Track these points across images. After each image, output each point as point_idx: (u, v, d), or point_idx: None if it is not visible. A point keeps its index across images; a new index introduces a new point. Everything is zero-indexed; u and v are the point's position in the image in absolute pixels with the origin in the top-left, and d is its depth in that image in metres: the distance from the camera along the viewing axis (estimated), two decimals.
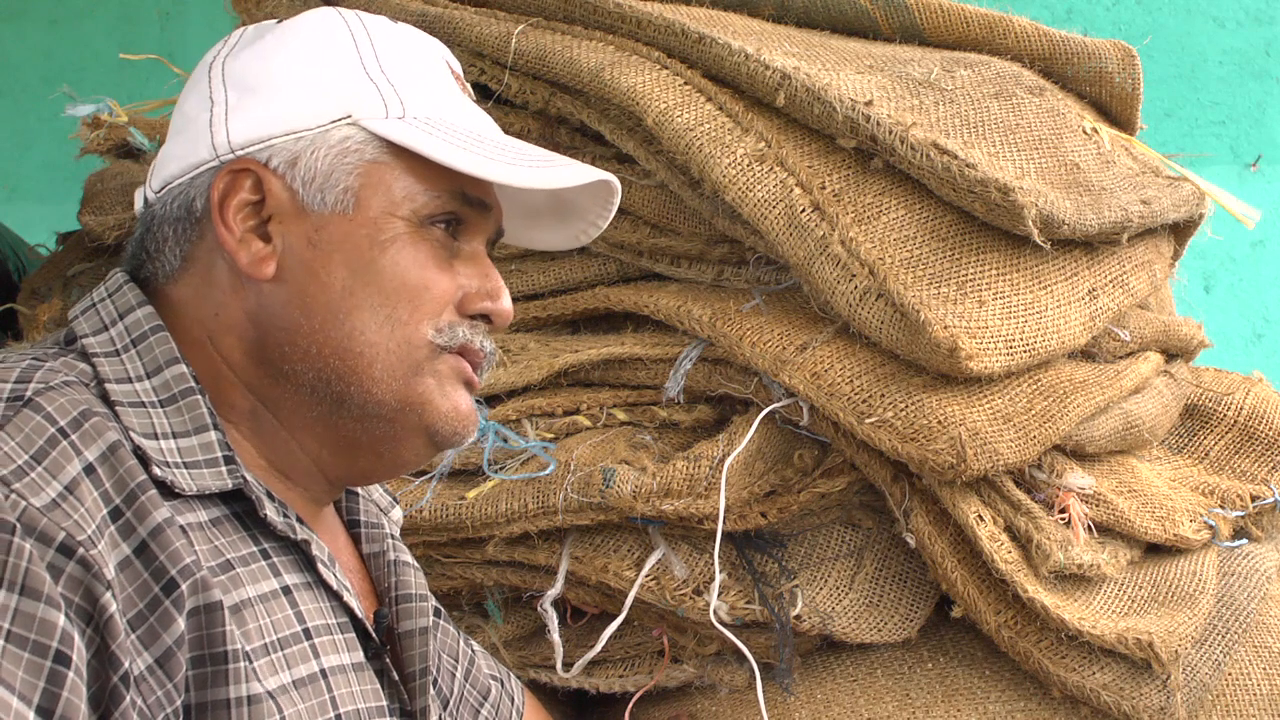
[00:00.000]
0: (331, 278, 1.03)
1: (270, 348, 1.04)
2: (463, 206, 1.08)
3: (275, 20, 1.12)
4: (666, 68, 1.59)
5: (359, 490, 1.23)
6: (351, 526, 1.21)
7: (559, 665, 1.55)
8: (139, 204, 1.12)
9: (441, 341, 1.06)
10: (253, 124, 1.05)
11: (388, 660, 1.10)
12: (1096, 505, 1.56)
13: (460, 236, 1.10)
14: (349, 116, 1.05)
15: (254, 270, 1.03)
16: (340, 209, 1.04)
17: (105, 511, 0.88)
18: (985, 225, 1.51)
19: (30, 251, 2.55)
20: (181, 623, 0.88)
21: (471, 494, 1.55)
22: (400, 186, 1.05)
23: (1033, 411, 1.48)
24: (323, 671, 1.00)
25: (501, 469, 1.57)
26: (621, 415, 1.63)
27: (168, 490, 0.94)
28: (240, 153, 1.04)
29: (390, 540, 1.21)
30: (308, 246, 1.04)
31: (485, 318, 1.10)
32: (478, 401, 1.61)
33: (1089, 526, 1.53)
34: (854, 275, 1.45)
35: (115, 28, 4.15)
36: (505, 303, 1.11)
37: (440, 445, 1.10)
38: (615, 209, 1.20)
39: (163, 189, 1.07)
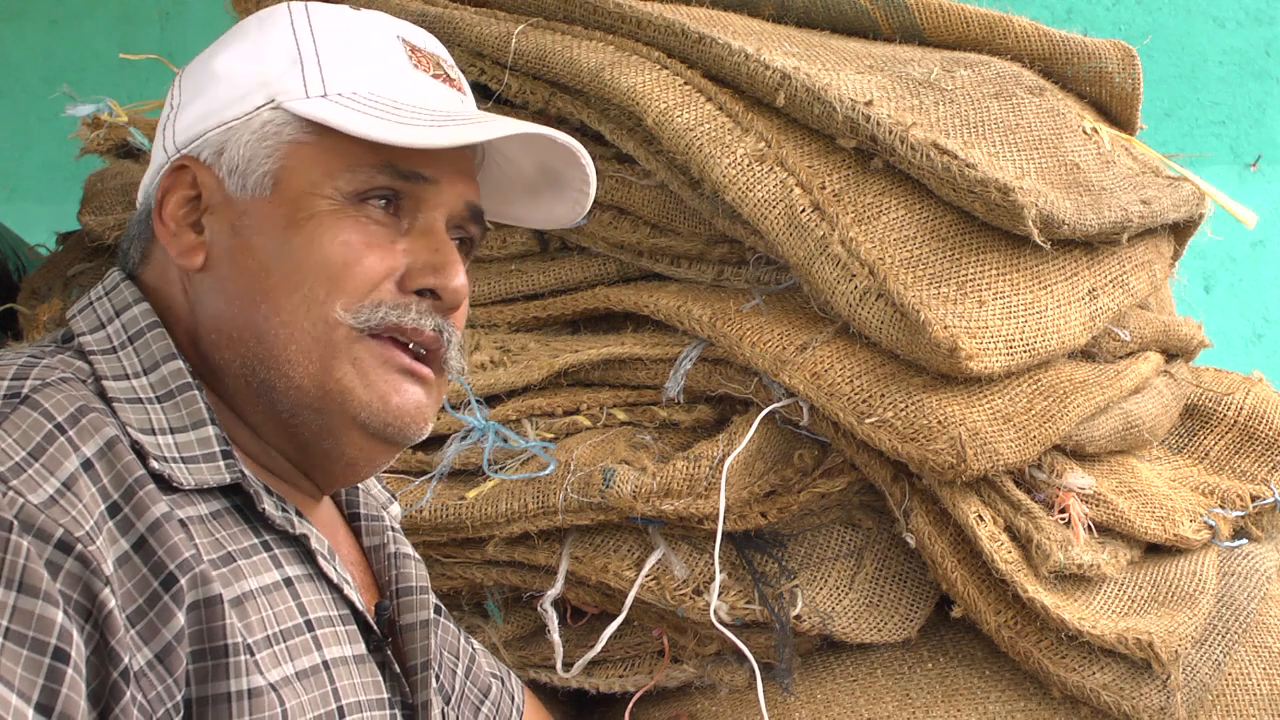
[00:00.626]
0: (250, 261, 1.03)
1: (203, 338, 1.04)
2: (396, 180, 1.05)
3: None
4: (666, 68, 1.59)
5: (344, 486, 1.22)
6: (352, 520, 1.21)
7: (559, 665, 1.55)
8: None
9: (356, 323, 1.02)
10: (192, 121, 1.06)
11: (389, 653, 1.10)
12: (1096, 505, 1.56)
13: (406, 213, 1.06)
14: (271, 101, 1.04)
15: (183, 261, 1.04)
16: (260, 192, 1.03)
17: (103, 507, 0.88)
18: (985, 225, 1.51)
19: (30, 251, 2.55)
20: (181, 617, 0.88)
21: (471, 494, 1.55)
22: (320, 165, 1.03)
23: (1033, 411, 1.48)
24: (325, 663, 1.00)
25: (501, 469, 1.57)
26: (621, 415, 1.63)
27: (166, 485, 0.94)
28: (183, 151, 1.06)
29: (390, 532, 1.20)
30: (231, 234, 1.04)
31: (433, 294, 1.06)
32: (478, 401, 1.61)
33: (1089, 526, 1.53)
34: (854, 275, 1.45)
35: (115, 28, 4.15)
36: (453, 278, 1.06)
37: (381, 439, 1.05)
38: (592, 174, 1.15)
39: (141, 195, 1.11)
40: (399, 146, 1.02)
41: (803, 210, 1.48)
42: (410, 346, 1.05)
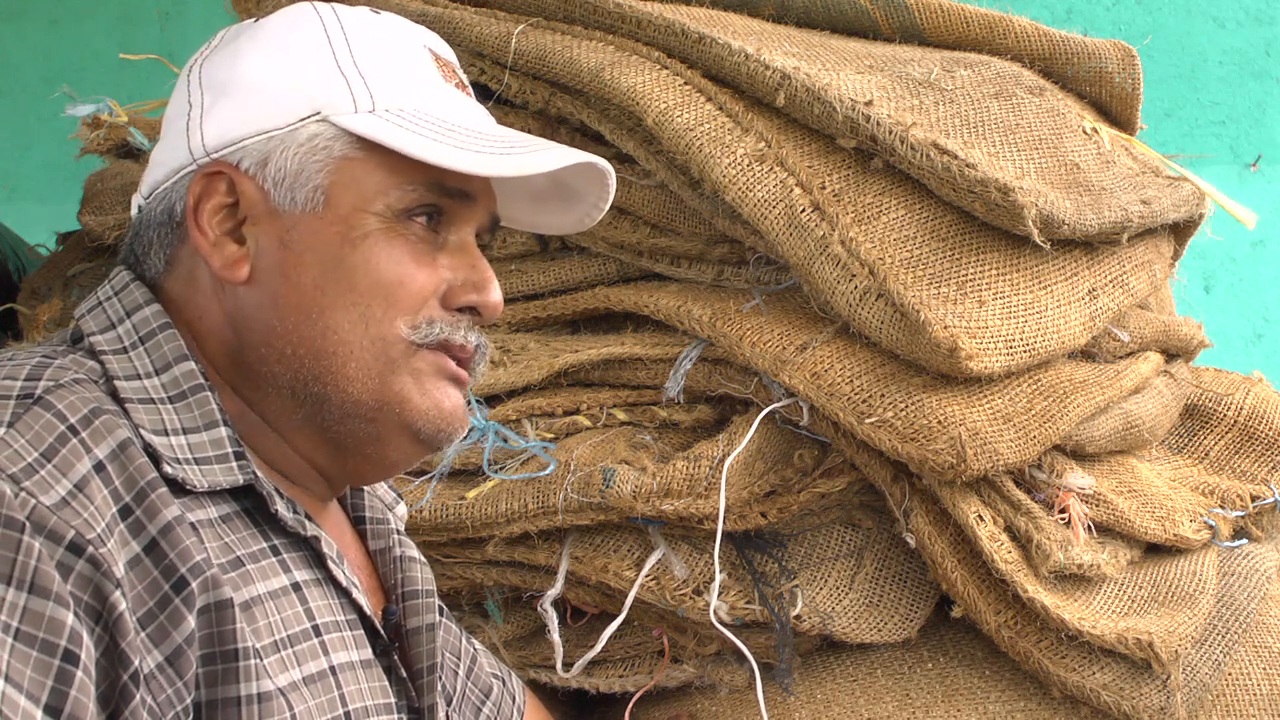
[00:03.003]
0: (303, 277, 1.02)
1: (248, 351, 1.03)
2: (441, 197, 1.06)
3: (254, 19, 1.12)
4: (666, 68, 1.59)
5: (365, 486, 1.23)
6: (358, 523, 1.21)
7: (559, 665, 1.55)
8: (134, 210, 1.12)
9: (417, 338, 1.04)
10: (225, 126, 1.04)
11: (395, 657, 1.10)
12: (1096, 505, 1.56)
13: (444, 228, 1.08)
14: (318, 113, 1.03)
15: (227, 274, 1.03)
16: (311, 208, 1.03)
17: (115, 509, 0.88)
18: (985, 225, 1.51)
19: (30, 251, 2.55)
20: (191, 620, 0.88)
21: (471, 494, 1.55)
22: (372, 182, 1.04)
23: (1033, 411, 1.48)
24: (332, 668, 1.00)
25: (501, 469, 1.57)
26: (621, 415, 1.63)
27: (178, 487, 0.94)
28: (214, 155, 1.04)
29: (396, 535, 1.20)
30: (280, 247, 1.03)
31: (473, 310, 1.08)
32: (478, 401, 1.62)
33: (1089, 526, 1.53)
34: (854, 275, 1.45)
35: (115, 28, 4.15)
36: (493, 294, 1.08)
37: (428, 445, 1.08)
38: (613, 191, 1.17)
39: (150, 194, 1.08)
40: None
41: (803, 210, 1.48)
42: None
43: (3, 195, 4.13)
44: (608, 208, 1.19)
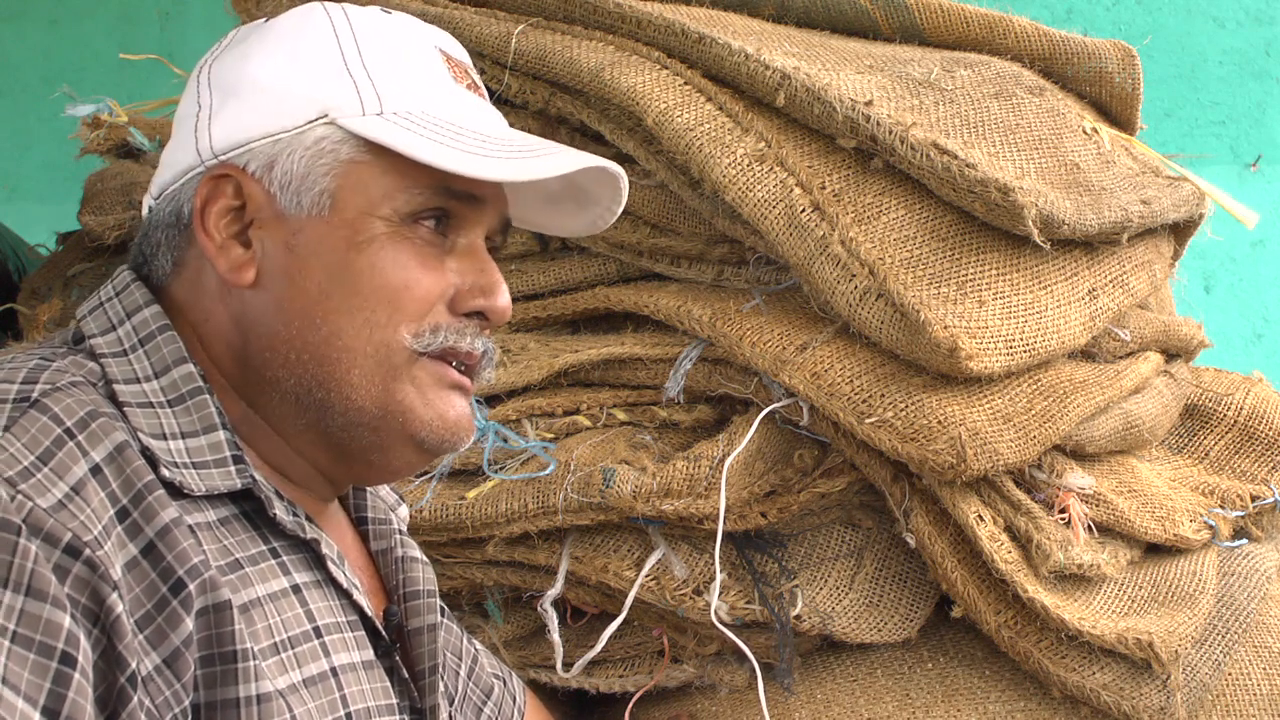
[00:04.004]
0: (309, 282, 1.01)
1: (253, 354, 1.03)
2: (449, 201, 1.05)
3: (264, 19, 1.12)
4: (666, 68, 1.59)
5: (367, 487, 1.23)
6: (359, 524, 1.20)
7: (559, 665, 1.55)
8: (145, 211, 1.11)
9: (418, 346, 1.03)
10: (233, 128, 1.03)
11: (397, 658, 1.10)
12: (1096, 505, 1.56)
13: (452, 232, 1.07)
14: (325, 116, 1.02)
15: (233, 277, 1.02)
16: (317, 211, 1.02)
17: (112, 512, 0.88)
18: (985, 225, 1.51)
19: (30, 251, 2.55)
20: (189, 623, 0.88)
21: (471, 494, 1.55)
22: (379, 185, 1.03)
23: (1033, 411, 1.48)
24: (333, 670, 1.00)
25: (501, 469, 1.57)
26: (621, 415, 1.63)
27: (176, 490, 0.93)
28: (222, 158, 1.03)
29: (398, 536, 1.20)
30: (286, 251, 1.02)
31: (481, 315, 1.07)
32: (478, 401, 1.62)
33: (1089, 526, 1.53)
34: (854, 275, 1.45)
35: (115, 28, 4.15)
36: (501, 299, 1.07)
37: (432, 453, 1.07)
38: (625, 194, 1.16)
39: (159, 195, 1.07)
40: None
41: (803, 210, 1.48)
42: (452, 363, 1.06)
43: (3, 195, 4.13)
44: (620, 211, 1.18)
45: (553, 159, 1.05)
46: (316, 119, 1.03)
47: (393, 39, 1.08)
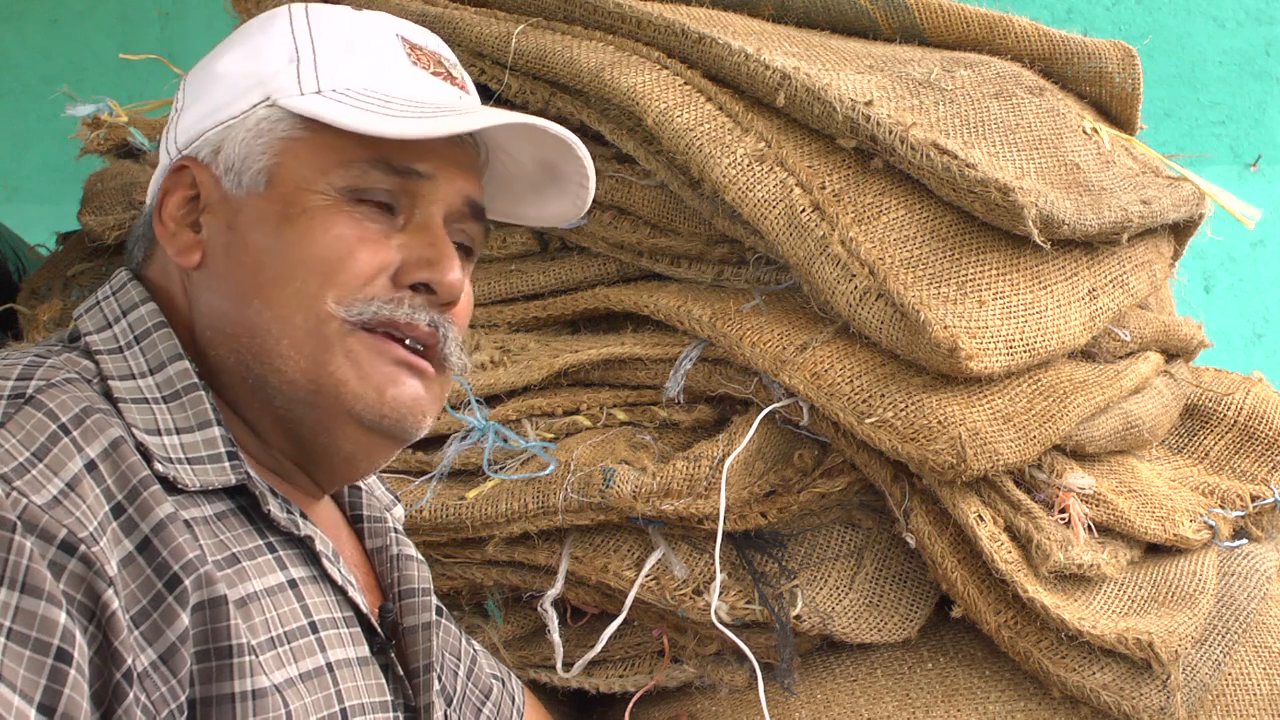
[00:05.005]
0: (245, 256, 1.03)
1: (200, 335, 1.04)
2: (390, 175, 1.04)
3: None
4: (666, 68, 1.59)
5: (361, 485, 1.22)
6: (355, 521, 1.20)
7: (559, 665, 1.55)
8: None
9: (349, 316, 1.01)
10: (192, 122, 1.07)
11: (392, 655, 1.10)
12: (1096, 505, 1.56)
13: (403, 209, 1.05)
14: (267, 99, 1.04)
15: (180, 259, 1.05)
16: (254, 189, 1.03)
17: (107, 508, 0.88)
18: (985, 225, 1.51)
19: (30, 251, 2.54)
20: (185, 618, 0.88)
21: (471, 494, 1.55)
22: (314, 161, 1.03)
23: (1033, 411, 1.48)
24: (329, 665, 1.00)
25: (501, 469, 1.57)
26: (621, 415, 1.63)
27: (171, 486, 0.94)
28: (185, 151, 1.07)
29: (393, 534, 1.20)
30: (227, 230, 1.04)
31: (428, 289, 1.05)
32: (478, 401, 1.61)
33: (1089, 526, 1.53)
34: (854, 275, 1.45)
35: (115, 28, 4.15)
36: (448, 272, 1.04)
37: (377, 432, 1.04)
38: (589, 163, 1.14)
39: (149, 198, 1.12)
40: (392, 140, 1.01)
41: (803, 210, 1.48)
42: (407, 343, 1.04)
43: (3, 195, 4.13)
44: (593, 185, 1.16)
45: (470, 117, 1.04)
46: (260, 102, 1.05)
47: (349, 28, 1.09)
